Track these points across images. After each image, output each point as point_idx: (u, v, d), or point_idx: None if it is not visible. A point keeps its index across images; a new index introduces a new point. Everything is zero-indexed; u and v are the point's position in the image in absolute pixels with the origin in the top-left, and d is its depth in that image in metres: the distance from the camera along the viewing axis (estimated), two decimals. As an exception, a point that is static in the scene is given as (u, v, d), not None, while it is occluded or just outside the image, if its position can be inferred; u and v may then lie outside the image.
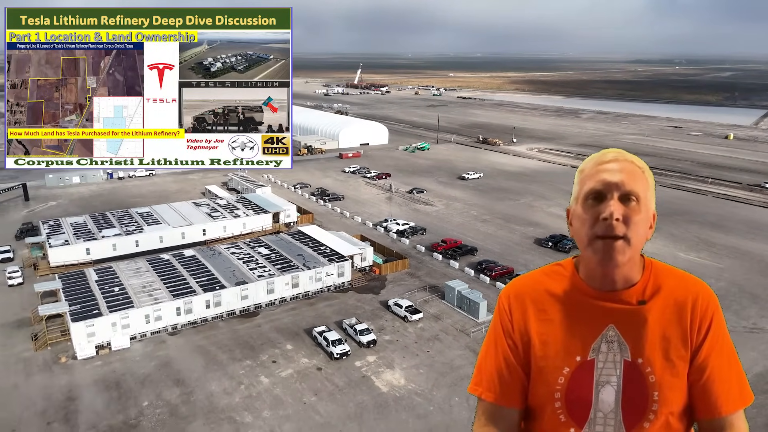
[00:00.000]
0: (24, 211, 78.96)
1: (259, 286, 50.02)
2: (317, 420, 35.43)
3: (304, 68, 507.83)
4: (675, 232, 72.01)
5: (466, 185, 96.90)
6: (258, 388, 38.62)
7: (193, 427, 34.57)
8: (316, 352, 43.12)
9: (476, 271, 58.32)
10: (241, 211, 72.06)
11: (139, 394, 37.88)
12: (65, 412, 36.02)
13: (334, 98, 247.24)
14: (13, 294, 52.59)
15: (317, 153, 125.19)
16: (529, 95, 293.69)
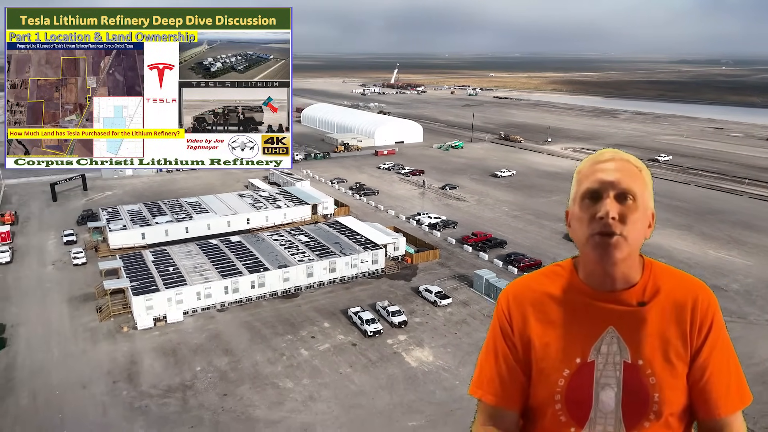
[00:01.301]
0: (83, 200, 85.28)
1: (299, 269, 53.87)
2: (352, 388, 38.82)
3: (341, 68, 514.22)
4: (706, 231, 72.60)
5: (498, 182, 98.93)
6: (298, 359, 42.30)
7: (241, 390, 38.45)
8: (351, 330, 46.56)
9: (505, 262, 60.73)
10: (282, 203, 76.34)
11: (192, 360, 42.06)
12: (128, 373, 40.45)
13: (370, 98, 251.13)
14: (78, 272, 57.92)
15: (353, 150, 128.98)
16: (566, 95, 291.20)
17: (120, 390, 38.36)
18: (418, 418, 35.62)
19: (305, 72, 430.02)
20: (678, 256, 63.35)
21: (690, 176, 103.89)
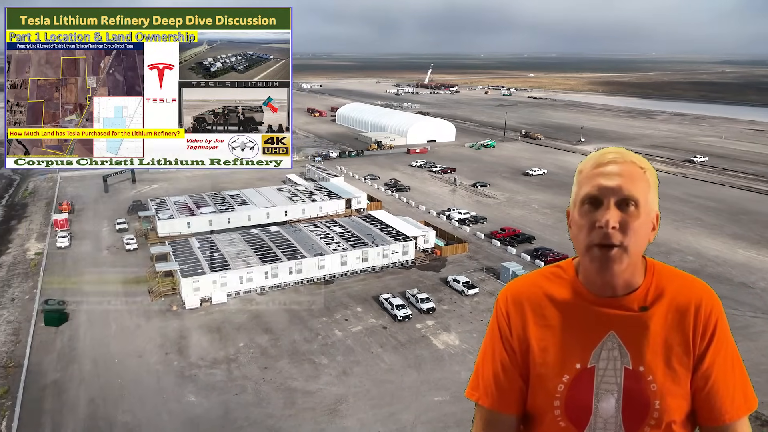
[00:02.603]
0: (132, 191, 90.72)
1: (334, 258, 57.05)
2: (382, 366, 41.63)
3: (376, 68, 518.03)
4: (738, 231, 72.67)
5: (529, 181, 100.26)
6: (333, 338, 45.37)
7: (280, 364, 41.73)
8: (382, 314, 49.40)
9: (532, 256, 62.59)
10: (318, 197, 79.84)
11: (235, 337, 45.61)
12: (178, 346, 44.25)
13: (403, 98, 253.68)
14: (130, 257, 62.52)
15: (386, 148, 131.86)
16: (603, 96, 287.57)
17: (171, 360, 42.15)
18: (443, 394, 38.16)
19: (340, 72, 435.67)
20: (707, 254, 64.05)
21: (725, 177, 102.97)
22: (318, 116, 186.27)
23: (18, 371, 40.77)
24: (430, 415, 36.00)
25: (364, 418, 35.91)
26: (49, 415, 36.20)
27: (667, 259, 63.13)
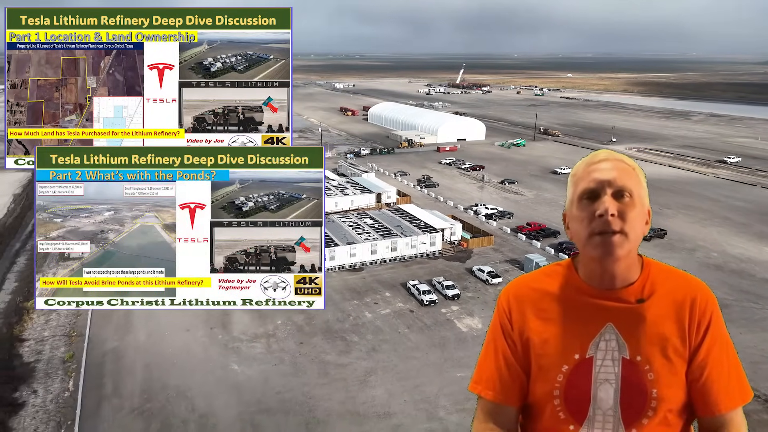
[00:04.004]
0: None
1: (364, 247, 60.42)
2: (408, 345, 44.69)
3: (408, 68, 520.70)
4: (765, 230, 73.05)
5: (557, 179, 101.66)
6: (363, 319, 48.65)
7: (315, 340, 45.22)
8: (409, 299, 52.44)
9: (556, 250, 64.66)
10: (350, 191, 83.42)
11: (274, 316, 49.20)
12: (222, 322, 48.17)
13: (435, 97, 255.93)
14: (175, 243, 67.14)
15: (416, 146, 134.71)
16: (638, 96, 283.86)
17: (216, 334, 46.11)
18: (465, 371, 40.94)
19: (372, 72, 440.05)
20: (731, 251, 64.94)
21: (758, 178, 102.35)
22: (350, 115, 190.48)
23: (81, 339, 45.34)
24: (453, 389, 38.85)
25: (392, 389, 39.04)
26: (110, 376, 40.51)
27: (691, 255, 64.42)
